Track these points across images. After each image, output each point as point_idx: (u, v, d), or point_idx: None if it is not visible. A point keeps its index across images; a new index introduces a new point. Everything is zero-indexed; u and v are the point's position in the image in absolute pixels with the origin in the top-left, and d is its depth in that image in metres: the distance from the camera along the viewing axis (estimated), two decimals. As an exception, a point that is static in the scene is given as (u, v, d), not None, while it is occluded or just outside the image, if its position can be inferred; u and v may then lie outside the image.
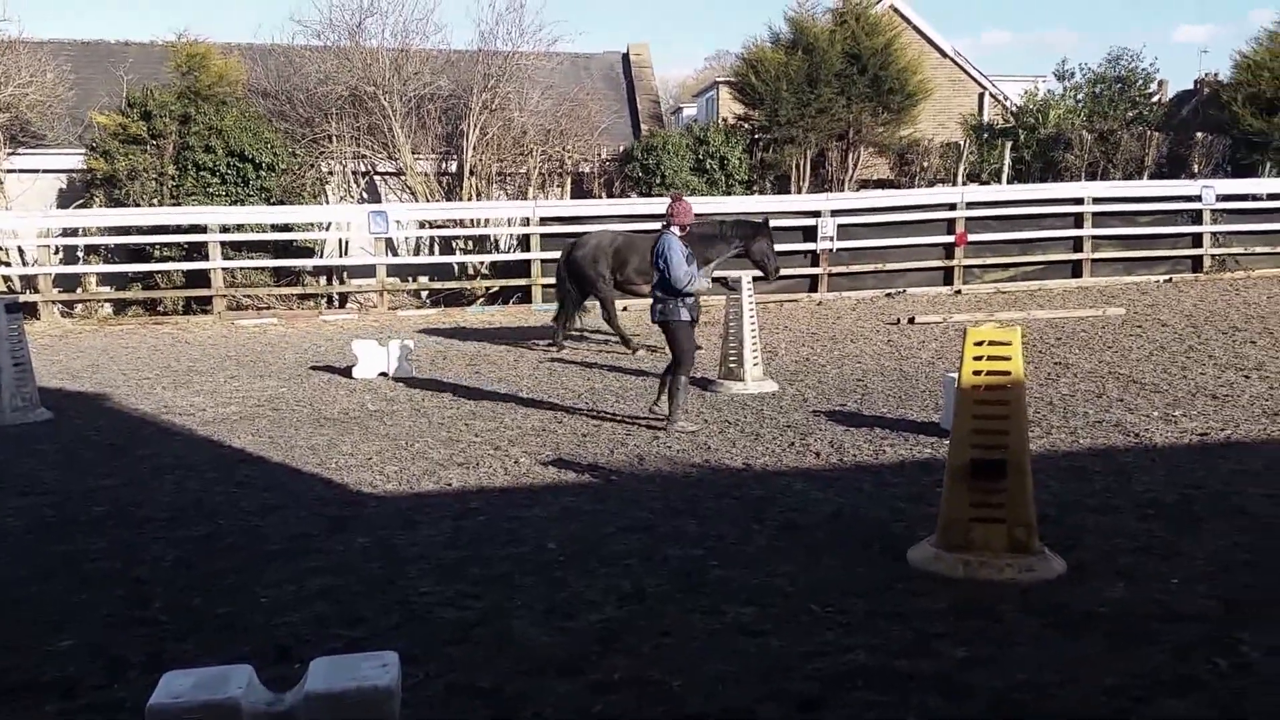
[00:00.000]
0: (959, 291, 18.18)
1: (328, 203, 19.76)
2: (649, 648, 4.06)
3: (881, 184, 21.83)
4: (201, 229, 17.07)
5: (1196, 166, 21.22)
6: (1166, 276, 18.74)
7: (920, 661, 3.86)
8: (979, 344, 4.63)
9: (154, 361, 12.66)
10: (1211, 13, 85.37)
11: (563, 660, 3.97)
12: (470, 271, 19.23)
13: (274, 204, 18.18)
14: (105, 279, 18.17)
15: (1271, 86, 20.63)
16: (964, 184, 20.14)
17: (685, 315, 7.96)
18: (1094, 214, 18.70)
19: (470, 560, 5.15)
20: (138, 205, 17.59)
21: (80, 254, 17.83)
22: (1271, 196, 19.71)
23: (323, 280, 18.98)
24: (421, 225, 19.29)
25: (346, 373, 11.15)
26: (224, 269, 17.23)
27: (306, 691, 2.07)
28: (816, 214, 18.08)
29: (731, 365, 9.93)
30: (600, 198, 20.28)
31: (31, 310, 16.48)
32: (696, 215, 8.65)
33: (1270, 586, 4.56)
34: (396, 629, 4.29)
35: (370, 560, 5.19)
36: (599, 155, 21.08)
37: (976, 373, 4.64)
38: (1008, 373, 4.62)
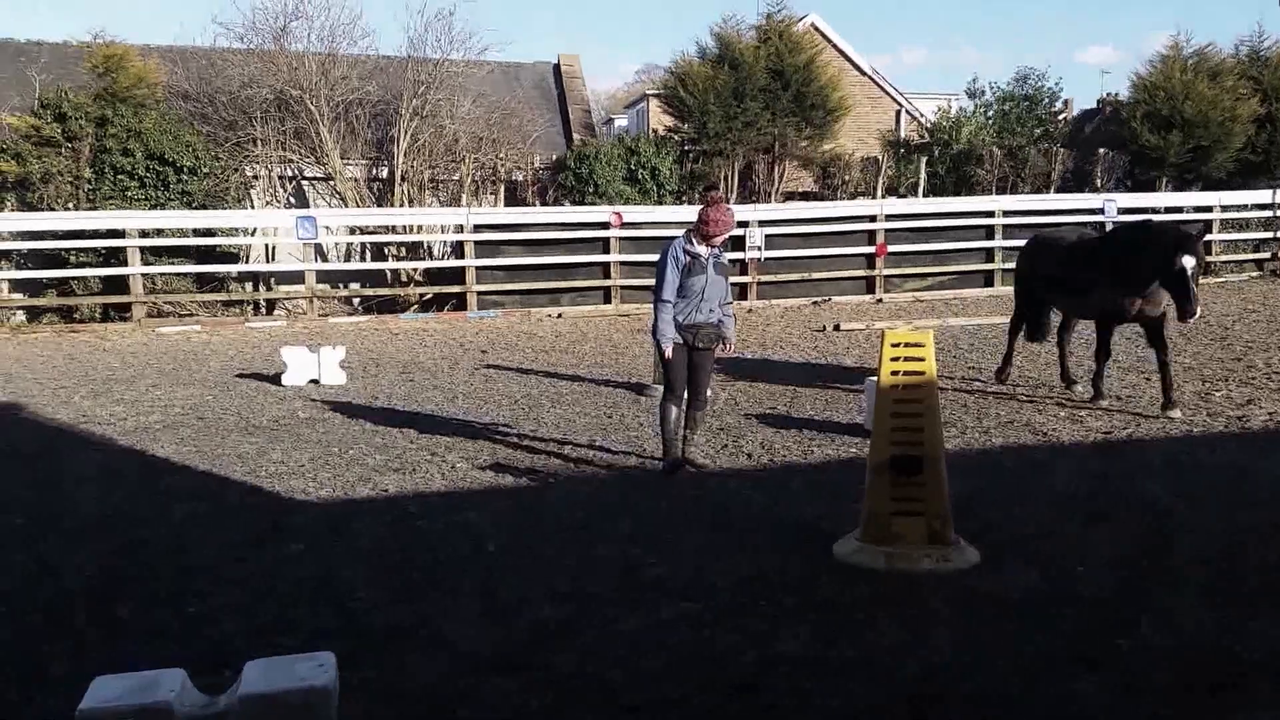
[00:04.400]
0: (880, 300, 18.99)
1: (253, 207, 19.44)
2: (586, 644, 4.13)
3: (806, 196, 22.54)
4: (120, 234, 16.70)
5: (1099, 181, 22.48)
6: (1073, 284, 19.74)
7: (845, 648, 4.03)
8: (895, 346, 4.88)
9: (71, 370, 12.32)
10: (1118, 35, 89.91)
11: (500, 659, 4.00)
12: (403, 278, 19.09)
13: (196, 208, 17.86)
14: (17, 285, 17.59)
15: (1166, 106, 21.91)
16: (883, 197, 20.99)
17: (668, 334, 6.74)
18: (1004, 226, 19.73)
19: (407, 565, 5.15)
20: (52, 209, 17.15)
21: (-10, 259, 17.32)
22: (1169, 210, 20.97)
23: (248, 286, 18.67)
24: (352, 231, 19.13)
25: (275, 380, 11.00)
26: (144, 275, 16.88)
27: (241, 693, 2.04)
28: (745, 224, 18.62)
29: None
30: (534, 205, 20.38)
31: (-61, 319, 16.01)
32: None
33: (1168, 572, 4.85)
34: (331, 634, 4.25)
35: (303, 567, 5.15)
36: (532, 164, 21.17)
37: (894, 373, 4.89)
38: (922, 373, 4.88)
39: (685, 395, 6.98)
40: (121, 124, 17.53)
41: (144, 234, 16.86)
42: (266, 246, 18.63)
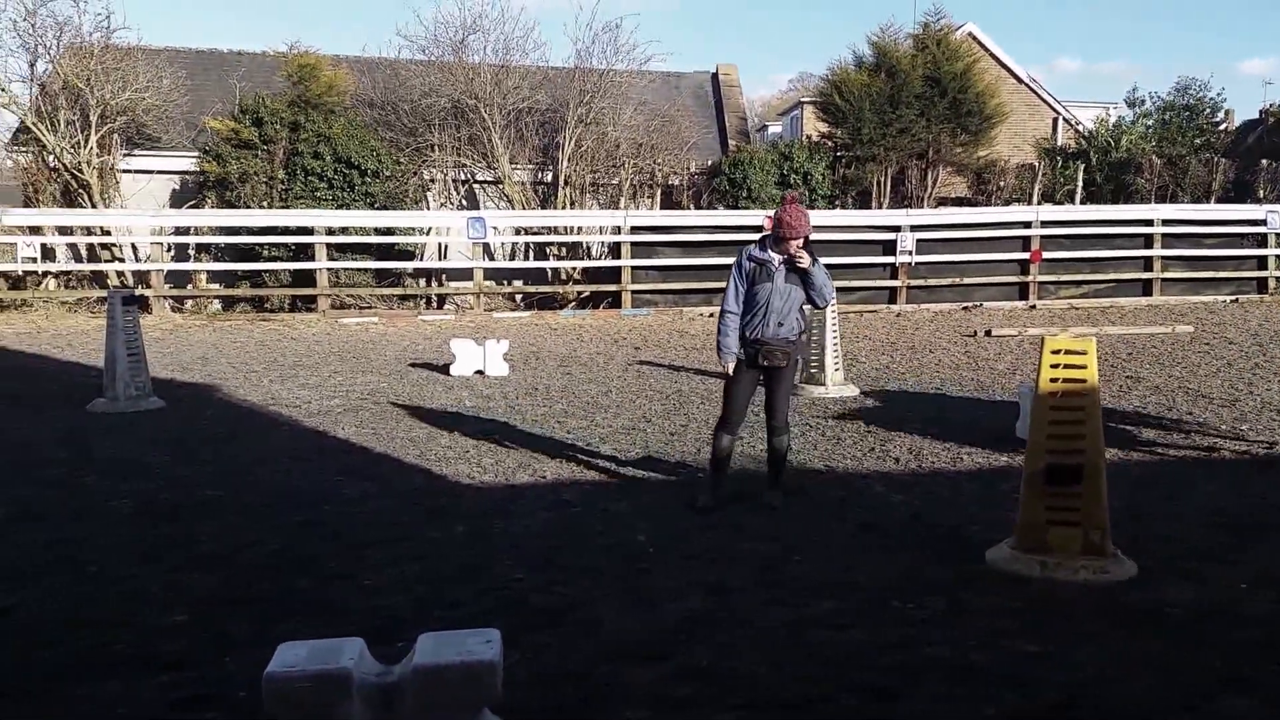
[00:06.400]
0: (1034, 306, 18.64)
1: (429, 209, 20.41)
2: (730, 637, 4.17)
3: (959, 202, 22.36)
4: (308, 231, 17.81)
5: (1261, 192, 21.67)
6: (1233, 297, 19.33)
7: (994, 656, 3.96)
8: (1056, 353, 4.76)
9: (261, 356, 13.17)
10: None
11: (649, 647, 4.07)
12: (563, 277, 19.69)
13: (378, 209, 18.84)
14: (215, 276, 19.01)
15: (1335, 118, 20.78)
16: (1039, 204, 20.65)
17: (726, 347, 6.03)
18: (1163, 235, 19.28)
19: (562, 550, 5.31)
20: (248, 207, 18.38)
21: (191, 252, 18.71)
22: None
23: (422, 282, 19.61)
24: (517, 232, 19.89)
25: (444, 370, 11.54)
26: (329, 269, 17.93)
27: (415, 664, 2.14)
28: (896, 229, 18.59)
29: (813, 370, 10.13)
30: (689, 209, 20.67)
31: (143, 304, 17.27)
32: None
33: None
34: (491, 613, 4.40)
35: (467, 548, 5.36)
36: (688, 169, 21.51)
37: (1053, 380, 4.77)
38: (1083, 380, 4.73)
39: (738, 424, 6.19)
40: (313, 129, 18.58)
41: (330, 232, 17.90)
42: (439, 245, 19.55)
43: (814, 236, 6.19)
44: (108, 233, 18.46)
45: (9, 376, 11.41)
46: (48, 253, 18.05)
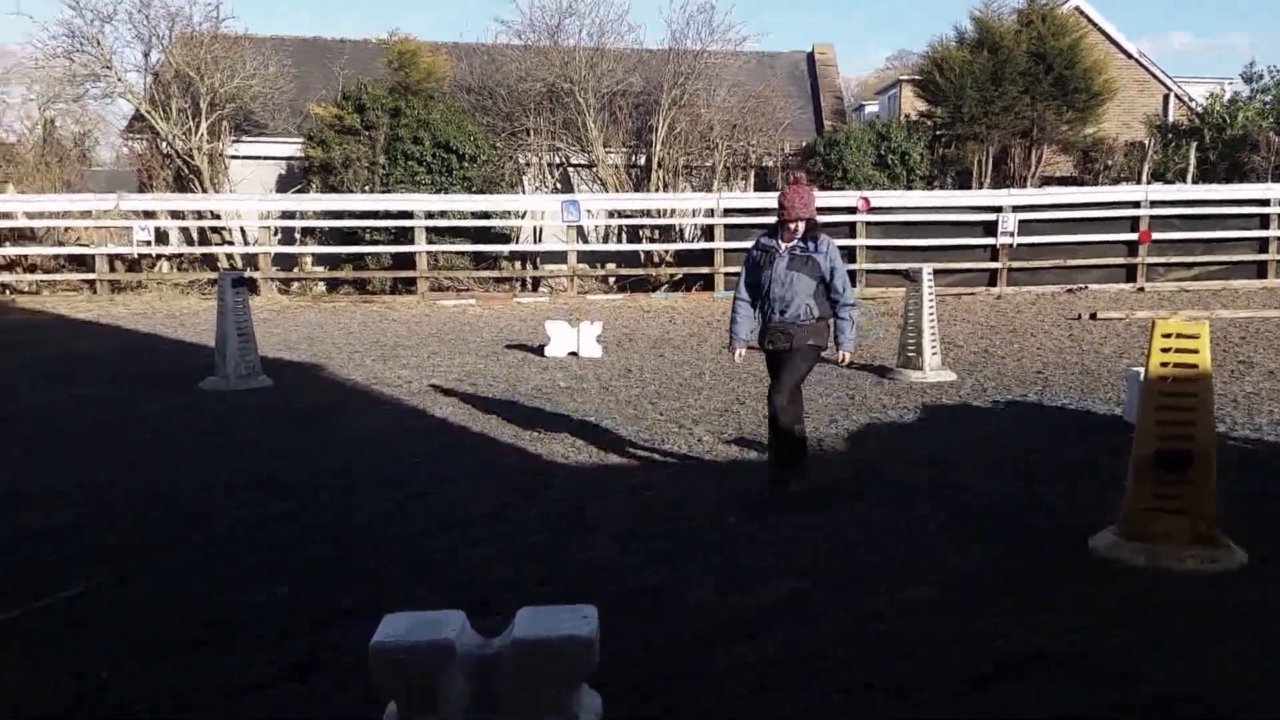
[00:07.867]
0: (1142, 289, 18.06)
1: (524, 192, 20.68)
2: (822, 619, 4.16)
3: (1065, 181, 21.72)
4: (408, 215, 18.21)
5: None
6: (1354, 280, 18.16)
7: (1093, 647, 3.86)
8: (1167, 336, 4.60)
9: (363, 336, 13.54)
10: None
11: (738, 628, 4.09)
12: (655, 259, 19.74)
13: (475, 193, 19.14)
14: (319, 259, 19.58)
15: None
16: (1148, 183, 19.94)
17: (734, 334, 6.25)
18: None
19: (653, 530, 5.36)
20: (351, 191, 18.89)
21: (297, 235, 19.33)
22: None
23: (517, 265, 19.92)
24: (611, 215, 19.99)
25: (539, 351, 11.71)
26: (428, 253, 18.33)
27: (514, 637, 2.20)
28: (997, 209, 18.14)
29: (910, 354, 9.97)
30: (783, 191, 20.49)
31: (252, 286, 17.88)
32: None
33: None
34: (583, 590, 4.43)
35: (560, 525, 5.45)
36: (782, 150, 21.32)
37: (1164, 364, 4.61)
38: (1195, 365, 4.57)
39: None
40: (412, 114, 18.94)
41: (429, 215, 18.26)
42: (534, 228, 19.80)
43: (911, 218, 6.17)
44: (218, 217, 19.20)
45: (125, 356, 11.97)
46: (161, 236, 18.85)
